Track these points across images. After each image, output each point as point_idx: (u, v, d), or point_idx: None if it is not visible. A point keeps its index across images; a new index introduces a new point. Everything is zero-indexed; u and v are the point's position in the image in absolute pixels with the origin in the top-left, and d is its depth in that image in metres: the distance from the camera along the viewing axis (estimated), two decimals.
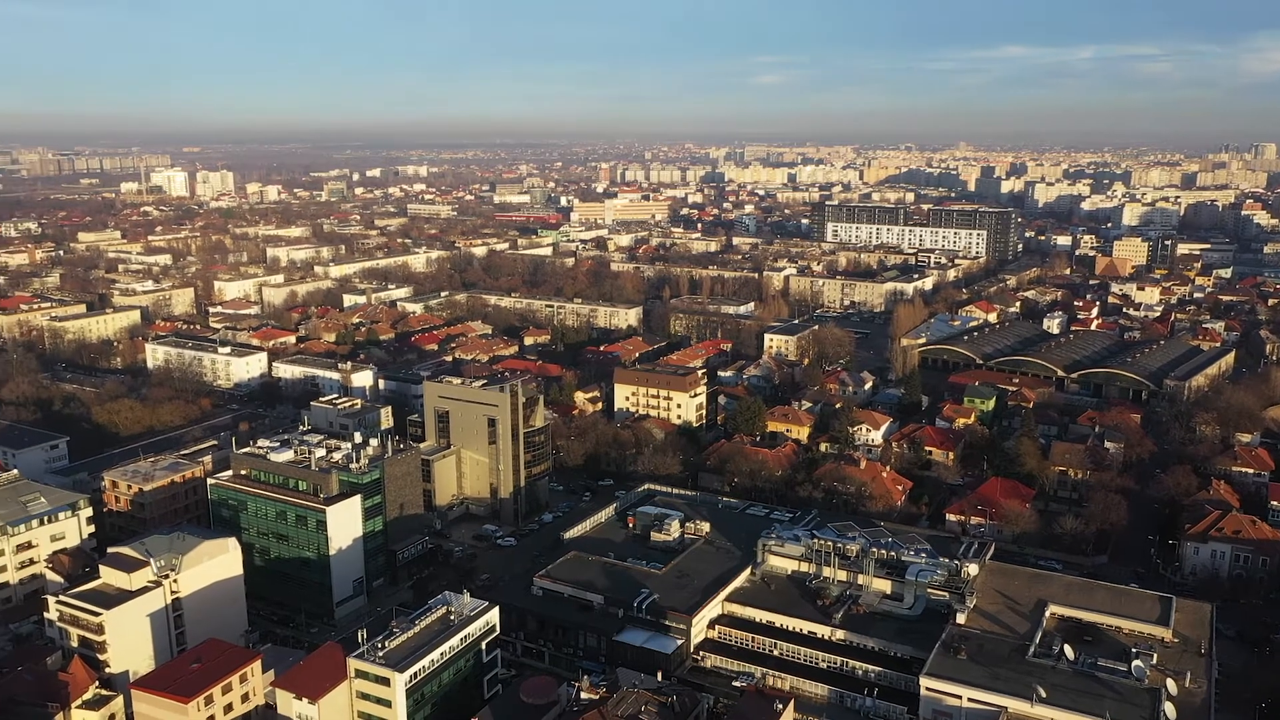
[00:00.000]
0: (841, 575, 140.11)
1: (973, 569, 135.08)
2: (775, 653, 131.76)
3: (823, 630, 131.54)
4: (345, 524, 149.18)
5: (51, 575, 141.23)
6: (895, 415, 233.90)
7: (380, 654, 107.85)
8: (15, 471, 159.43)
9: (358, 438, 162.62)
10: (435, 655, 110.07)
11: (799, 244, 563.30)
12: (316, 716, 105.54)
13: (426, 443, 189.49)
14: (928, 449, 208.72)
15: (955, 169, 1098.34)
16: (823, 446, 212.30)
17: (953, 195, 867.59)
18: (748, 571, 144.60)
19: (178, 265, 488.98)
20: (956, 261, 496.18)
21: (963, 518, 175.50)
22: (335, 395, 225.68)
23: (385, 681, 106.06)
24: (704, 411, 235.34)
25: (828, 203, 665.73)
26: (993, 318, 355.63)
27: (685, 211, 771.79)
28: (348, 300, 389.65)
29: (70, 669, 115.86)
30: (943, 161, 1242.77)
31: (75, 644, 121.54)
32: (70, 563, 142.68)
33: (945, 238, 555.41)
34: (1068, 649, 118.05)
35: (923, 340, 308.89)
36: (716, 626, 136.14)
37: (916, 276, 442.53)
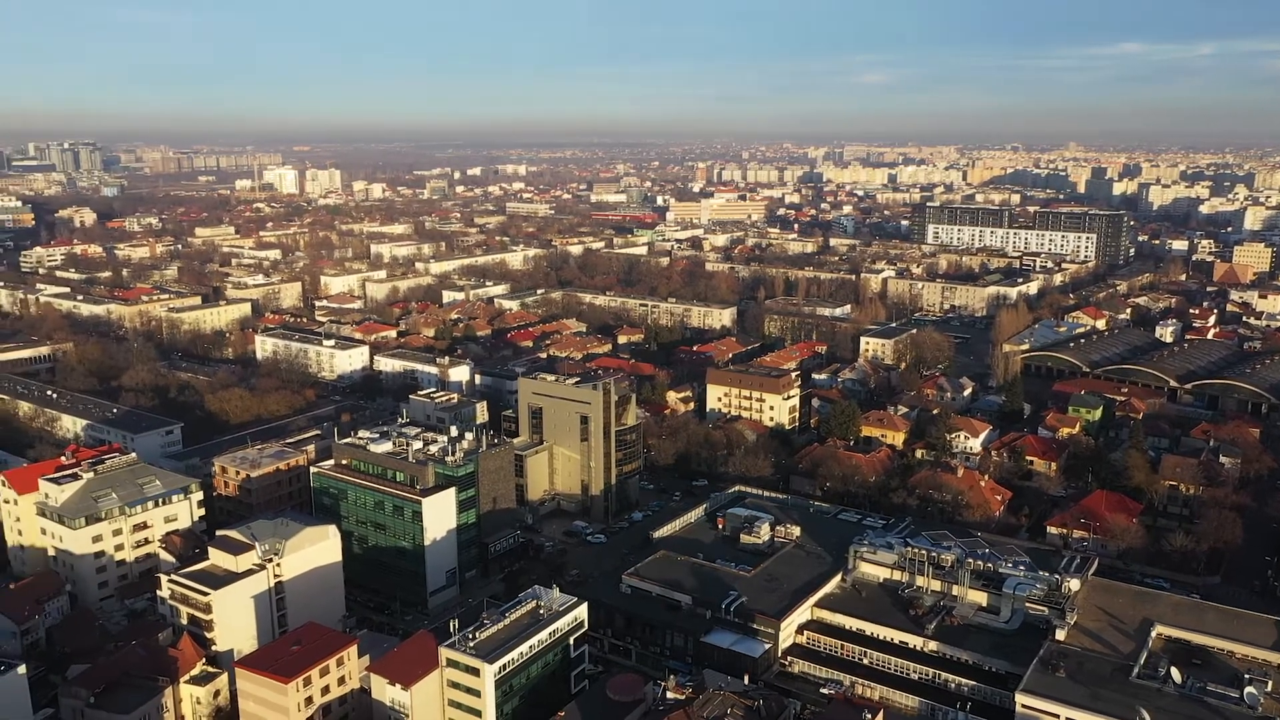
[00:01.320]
0: (935, 585, 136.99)
1: (1074, 584, 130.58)
2: (865, 661, 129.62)
3: (915, 641, 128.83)
4: (440, 515, 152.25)
5: (164, 555, 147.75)
6: (995, 423, 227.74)
7: (471, 644, 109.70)
8: (134, 455, 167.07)
9: (454, 431, 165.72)
10: (524, 648, 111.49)
11: (898, 246, 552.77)
12: (409, 703, 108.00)
13: (520, 438, 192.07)
14: (1029, 458, 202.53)
15: (1064, 170, 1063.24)
16: (918, 453, 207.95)
17: (1061, 197, 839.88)
18: (838, 578, 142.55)
19: (287, 260, 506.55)
20: (1064, 266, 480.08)
21: (1064, 531, 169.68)
22: (433, 389, 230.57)
23: (475, 672, 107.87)
24: (797, 414, 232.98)
25: (929, 204, 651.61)
26: (1101, 324, 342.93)
27: (782, 212, 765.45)
28: (447, 296, 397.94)
29: (180, 645, 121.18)
30: (1051, 162, 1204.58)
31: (185, 621, 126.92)
32: (182, 543, 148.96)
33: (1052, 241, 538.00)
34: (1175, 672, 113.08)
35: (1026, 346, 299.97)
36: (805, 632, 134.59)
37: (1020, 280, 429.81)
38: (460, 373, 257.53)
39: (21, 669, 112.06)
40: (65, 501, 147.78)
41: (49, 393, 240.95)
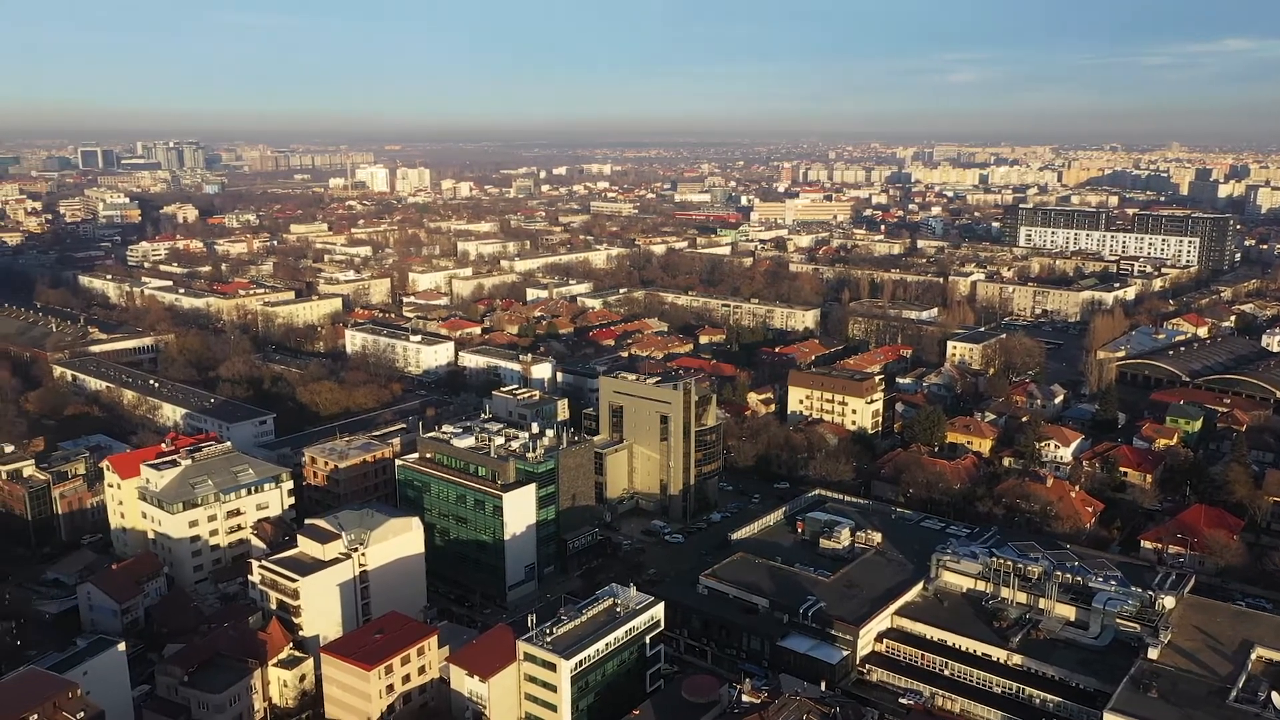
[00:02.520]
0: (1021, 597, 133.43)
1: (1169, 601, 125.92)
2: (946, 672, 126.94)
3: (998, 653, 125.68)
4: (520, 511, 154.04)
5: (256, 541, 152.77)
6: (1087, 432, 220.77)
7: (548, 639, 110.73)
8: (229, 444, 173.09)
9: (535, 428, 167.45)
10: (600, 645, 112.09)
11: (988, 248, 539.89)
12: (487, 695, 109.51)
13: (600, 436, 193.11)
14: (1123, 470, 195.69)
15: (1165, 171, 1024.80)
16: (1006, 461, 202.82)
17: (1162, 199, 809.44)
18: (920, 586, 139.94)
19: (376, 257, 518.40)
20: (1163, 270, 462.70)
21: (1159, 546, 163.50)
22: (515, 385, 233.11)
23: (551, 667, 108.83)
24: (880, 418, 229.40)
25: (1021, 205, 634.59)
26: (1203, 332, 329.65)
27: (868, 213, 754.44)
28: (530, 294, 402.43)
29: (269, 629, 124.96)
30: (1151, 163, 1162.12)
31: (274, 606, 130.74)
32: (272, 531, 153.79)
33: (1152, 245, 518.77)
34: (1276, 697, 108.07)
35: (1122, 354, 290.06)
36: (884, 640, 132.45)
37: (1117, 285, 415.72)
38: (542, 370, 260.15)
39: (121, 646, 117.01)
40: (164, 487, 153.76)
41: (151, 382, 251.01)
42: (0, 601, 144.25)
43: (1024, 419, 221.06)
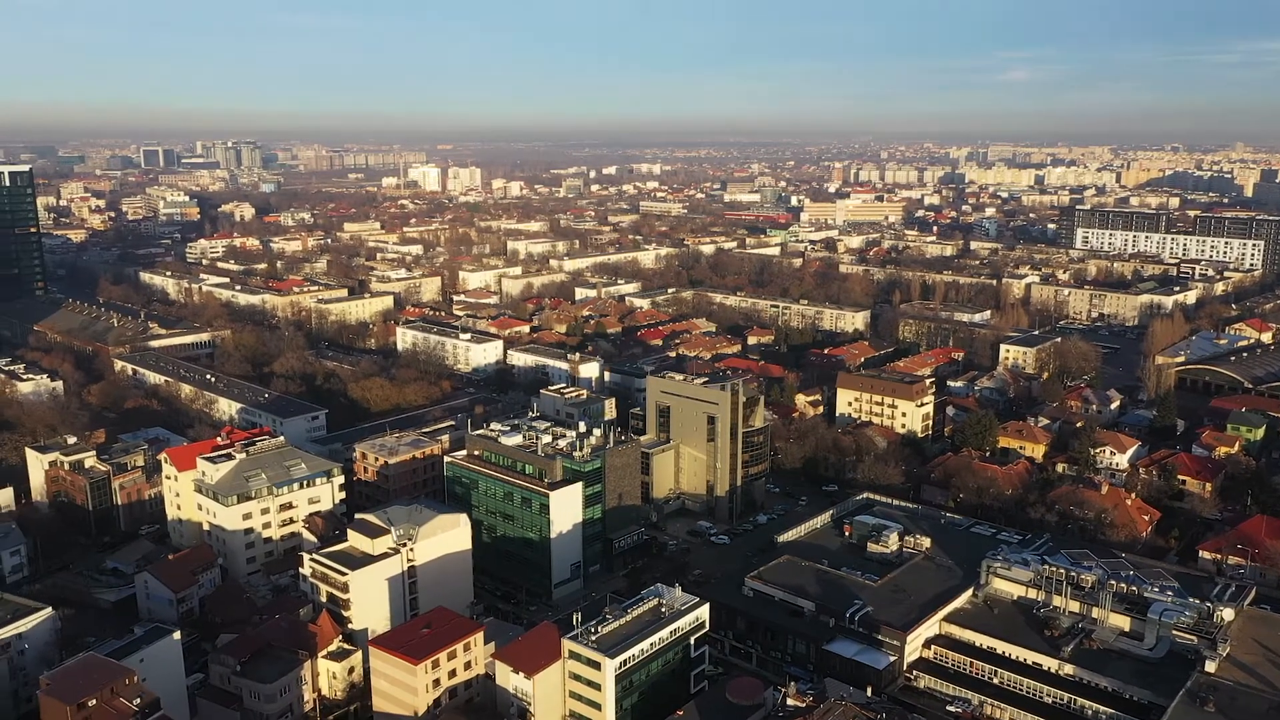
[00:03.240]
0: (1074, 606, 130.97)
1: (1227, 613, 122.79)
2: (995, 681, 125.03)
3: (1049, 663, 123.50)
4: (566, 509, 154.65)
5: (307, 534, 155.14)
6: (1144, 439, 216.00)
7: (593, 638, 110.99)
8: (282, 438, 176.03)
9: (582, 427, 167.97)
10: (645, 645, 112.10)
11: (1043, 250, 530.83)
12: (531, 691, 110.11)
13: (647, 436, 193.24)
14: (1181, 478, 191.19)
15: (1229, 172, 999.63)
16: (1059, 467, 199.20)
17: (1225, 201, 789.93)
18: (969, 592, 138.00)
19: (428, 255, 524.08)
20: (1226, 274, 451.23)
21: (1218, 556, 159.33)
22: (563, 384, 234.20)
23: (596, 665, 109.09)
24: (930, 422, 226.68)
25: (1078, 207, 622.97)
26: (1267, 338, 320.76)
27: (920, 213, 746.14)
28: (579, 293, 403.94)
29: (319, 621, 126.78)
30: (1215, 164, 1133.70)
31: (324, 599, 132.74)
32: (323, 524, 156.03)
33: (1214, 247, 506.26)
34: None
35: (1181, 359, 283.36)
36: (932, 646, 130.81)
37: (1177, 289, 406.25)
38: (590, 369, 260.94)
39: (177, 635, 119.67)
40: (219, 480, 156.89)
41: (208, 376, 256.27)
42: (62, 589, 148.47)
43: (1079, 424, 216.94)
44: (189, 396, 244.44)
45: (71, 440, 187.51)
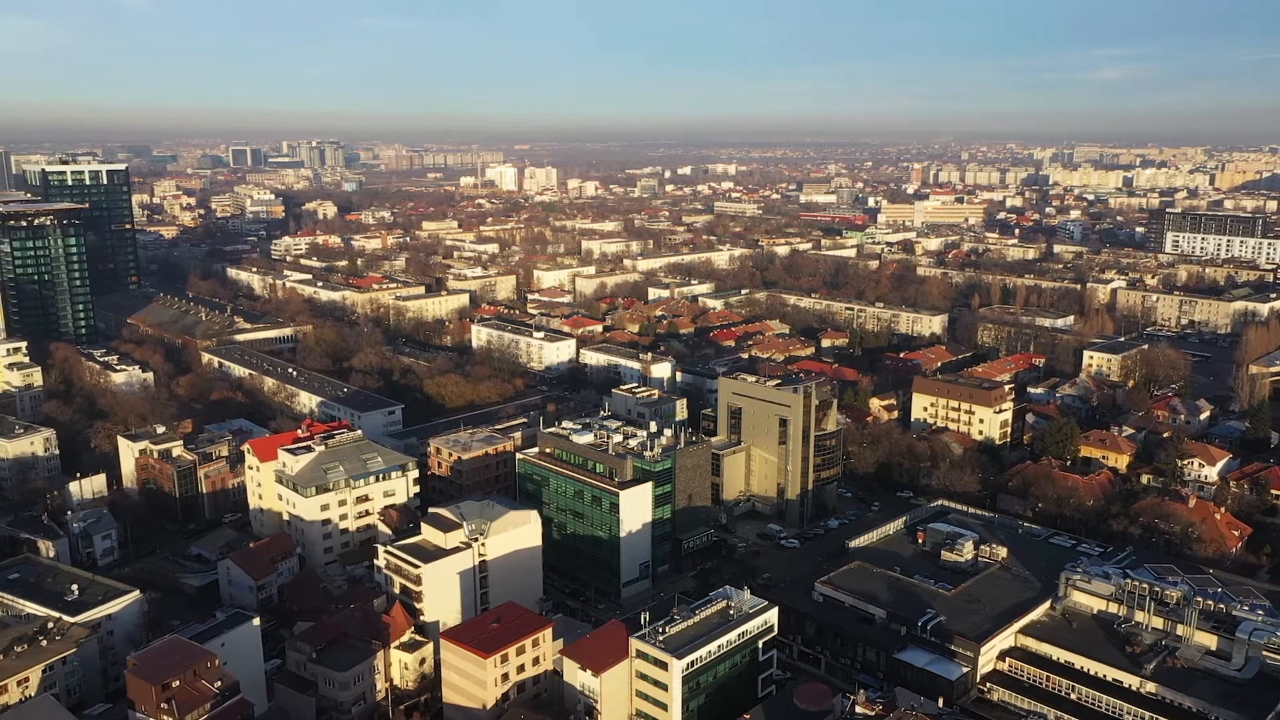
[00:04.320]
0: (1157, 622, 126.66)
1: None
2: (1072, 696, 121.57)
3: (1131, 680, 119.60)
4: (636, 508, 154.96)
5: (382, 527, 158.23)
6: (1236, 451, 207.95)
7: (660, 638, 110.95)
8: (360, 432, 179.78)
9: (653, 427, 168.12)
10: (713, 647, 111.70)
11: (1131, 254, 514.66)
12: (599, 689, 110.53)
13: (718, 437, 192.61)
14: (1274, 492, 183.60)
15: None
16: (1144, 479, 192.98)
17: None
18: (1046, 605, 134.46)
19: (503, 254, 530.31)
20: None
21: None
22: (635, 384, 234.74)
23: (663, 665, 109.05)
24: (1009, 429, 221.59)
25: (1169, 210, 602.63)
26: None
27: (1002, 216, 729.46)
28: (652, 293, 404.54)
29: (392, 612, 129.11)
30: None
31: (397, 590, 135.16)
32: (398, 517, 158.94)
33: None
34: None
35: (1277, 369, 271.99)
36: (1007, 659, 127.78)
37: (1274, 296, 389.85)
38: (662, 369, 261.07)
39: (256, 621, 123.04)
40: (299, 471, 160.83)
41: (290, 370, 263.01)
42: (149, 573, 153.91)
43: (1165, 435, 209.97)
44: (271, 389, 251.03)
45: (160, 430, 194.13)
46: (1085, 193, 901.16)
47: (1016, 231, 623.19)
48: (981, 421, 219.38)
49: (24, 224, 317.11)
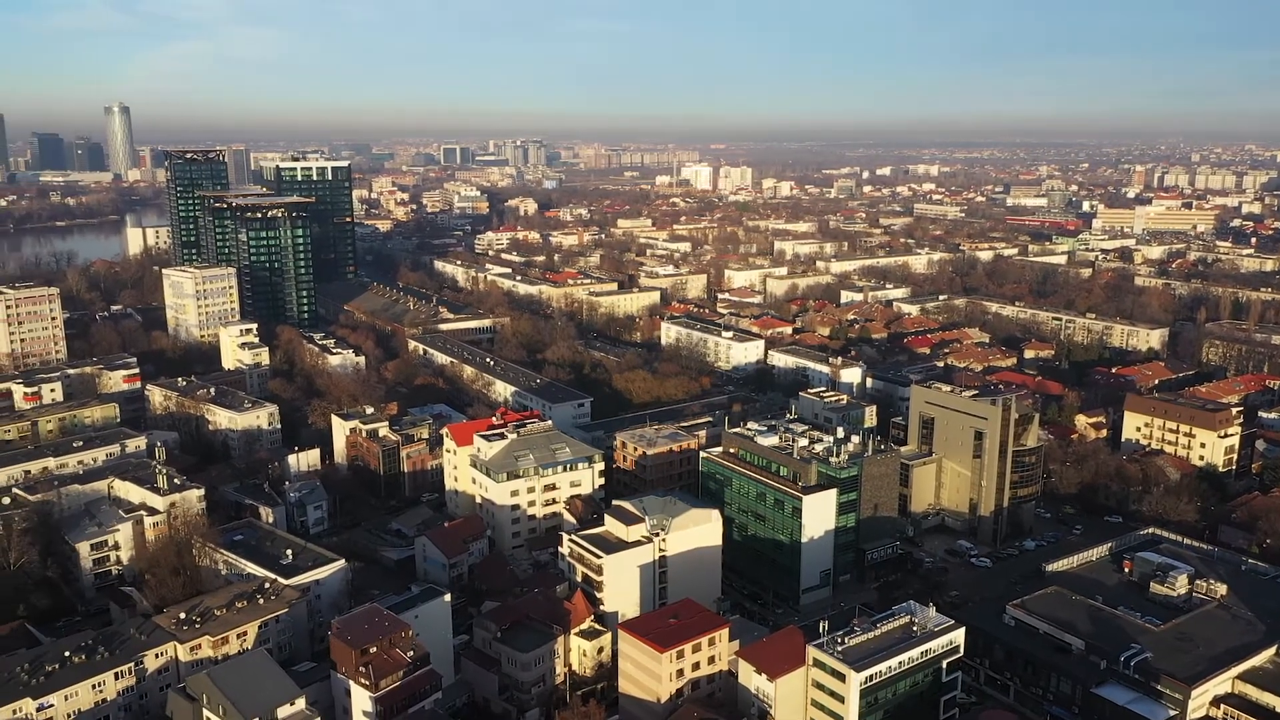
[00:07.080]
0: None
1: None
2: None
3: None
4: (819, 515, 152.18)
5: (567, 515, 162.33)
6: None
7: (839, 649, 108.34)
8: (550, 422, 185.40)
9: (840, 432, 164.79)
10: (894, 662, 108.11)
11: None
12: (773, 695, 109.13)
13: (908, 447, 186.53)
14: None
15: None
16: None
17: None
18: (1272, 651, 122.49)
19: (695, 253, 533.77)
20: None
21: None
22: (823, 388, 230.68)
23: (841, 677, 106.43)
24: (1235, 456, 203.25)
25: None
26: None
27: (1237, 223, 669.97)
28: (844, 296, 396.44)
29: (574, 599, 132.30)
30: None
31: (579, 579, 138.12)
32: (582, 507, 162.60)
33: None
34: None
35: None
36: (1222, 705, 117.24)
37: None
38: (852, 374, 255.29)
39: (447, 597, 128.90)
40: (492, 457, 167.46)
41: (488, 360, 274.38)
42: (353, 544, 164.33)
43: None
44: (470, 377, 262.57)
45: (369, 410, 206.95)
46: None
47: (1253, 240, 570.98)
48: (1203, 446, 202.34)
49: (259, 216, 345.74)
